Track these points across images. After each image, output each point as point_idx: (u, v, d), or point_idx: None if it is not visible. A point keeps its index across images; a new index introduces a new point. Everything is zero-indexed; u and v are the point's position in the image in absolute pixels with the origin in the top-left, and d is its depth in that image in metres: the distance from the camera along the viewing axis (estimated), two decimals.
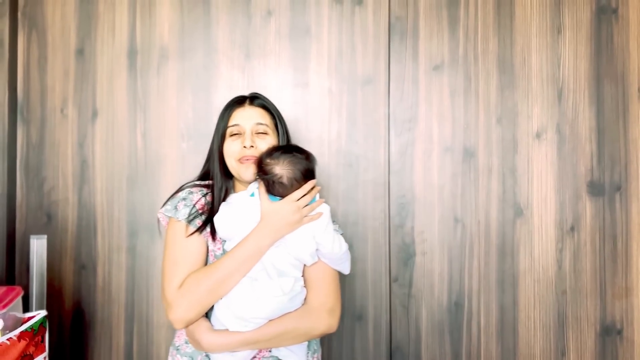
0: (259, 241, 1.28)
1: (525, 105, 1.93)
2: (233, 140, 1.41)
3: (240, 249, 1.28)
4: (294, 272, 1.33)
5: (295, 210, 1.29)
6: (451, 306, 1.92)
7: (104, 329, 1.92)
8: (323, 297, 1.33)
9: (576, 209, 1.92)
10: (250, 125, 1.41)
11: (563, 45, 1.93)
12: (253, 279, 1.29)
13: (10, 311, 1.33)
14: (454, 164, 1.92)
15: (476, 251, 1.91)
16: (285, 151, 1.33)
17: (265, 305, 1.26)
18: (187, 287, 1.27)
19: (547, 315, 1.91)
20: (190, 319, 1.28)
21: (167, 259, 1.34)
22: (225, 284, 1.27)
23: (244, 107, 1.44)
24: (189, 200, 1.39)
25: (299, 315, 1.30)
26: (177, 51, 1.93)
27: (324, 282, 1.34)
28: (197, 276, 1.28)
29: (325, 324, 1.31)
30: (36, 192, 1.92)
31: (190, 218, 1.35)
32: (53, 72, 1.93)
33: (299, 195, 1.31)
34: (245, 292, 1.27)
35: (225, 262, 1.27)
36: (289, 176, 1.30)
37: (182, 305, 1.27)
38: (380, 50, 1.93)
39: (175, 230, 1.35)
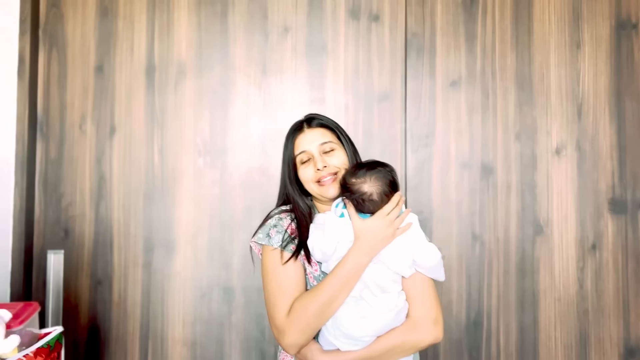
0: (358, 260, 1.29)
1: (545, 121, 1.90)
2: (305, 167, 1.42)
3: (341, 270, 1.29)
4: (395, 287, 1.33)
5: (388, 225, 1.30)
6: (470, 325, 1.88)
7: (119, 345, 1.91)
8: (426, 309, 1.33)
9: (597, 227, 1.88)
10: (316, 147, 1.42)
11: (582, 60, 1.91)
12: (358, 298, 1.30)
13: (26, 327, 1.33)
14: (472, 181, 1.90)
15: (495, 269, 1.88)
16: (370, 167, 1.34)
17: (373, 323, 1.28)
18: (295, 313, 1.29)
19: (569, 335, 1.87)
20: (302, 344, 1.30)
21: (269, 287, 1.35)
22: (331, 305, 1.28)
23: (304, 132, 1.45)
24: (280, 227, 1.40)
25: (406, 329, 1.31)
26: (194, 68, 1.94)
27: (423, 293, 1.34)
28: (303, 301, 1.30)
29: (432, 335, 1.32)
30: (54, 207, 1.93)
31: (284, 244, 1.36)
32: (72, 89, 1.95)
33: (390, 209, 1.31)
34: (353, 312, 1.29)
35: (328, 284, 1.29)
36: (378, 192, 1.31)
37: (293, 331, 1.28)
38: (396, 66, 1.93)
39: (272, 258, 1.36)
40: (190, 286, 1.90)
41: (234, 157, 1.93)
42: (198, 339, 1.90)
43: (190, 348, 1.89)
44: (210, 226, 1.91)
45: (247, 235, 1.89)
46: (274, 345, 1.88)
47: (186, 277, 1.91)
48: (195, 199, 1.92)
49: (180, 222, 1.91)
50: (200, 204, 1.92)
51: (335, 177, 1.39)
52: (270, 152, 1.92)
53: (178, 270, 1.91)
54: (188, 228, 1.91)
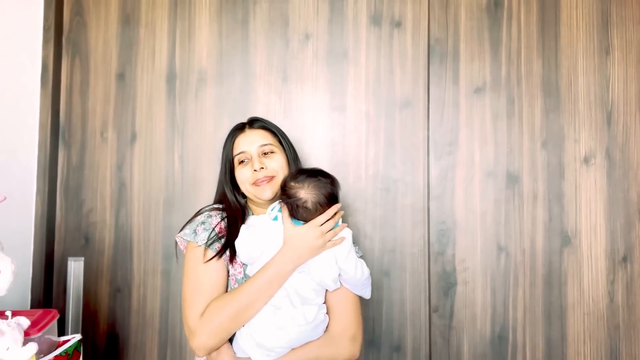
0: (282, 266, 1.26)
1: (572, 129, 1.85)
2: (243, 167, 1.42)
3: (263, 275, 1.26)
4: (317, 299, 1.30)
5: (319, 235, 1.28)
6: (494, 339, 1.82)
7: (138, 353, 1.90)
8: (345, 325, 1.31)
9: (628, 238, 1.81)
10: (255, 148, 1.42)
11: (612, 66, 1.85)
12: (277, 307, 1.27)
13: (45, 335, 1.32)
14: (497, 190, 1.85)
15: (521, 281, 1.82)
16: (310, 175, 1.32)
17: (288, 335, 1.24)
18: (209, 315, 1.26)
19: (599, 351, 1.80)
20: (212, 347, 1.27)
21: (187, 285, 1.33)
22: (248, 310, 1.26)
23: (244, 132, 1.45)
24: (207, 224, 1.38)
25: (322, 344, 1.28)
26: (215, 76, 1.94)
27: (345, 309, 1.32)
28: (219, 303, 1.27)
29: (348, 351, 1.30)
30: (75, 213, 1.94)
31: (210, 242, 1.34)
32: (94, 96, 1.96)
33: (323, 219, 1.29)
34: (269, 321, 1.25)
35: (248, 288, 1.26)
36: (313, 200, 1.29)
37: (204, 332, 1.26)
38: (419, 73, 1.90)
39: (195, 255, 1.34)
40: None
41: None
42: None
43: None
44: None
45: None
46: None
47: None
48: None
49: None
50: None
51: (272, 179, 1.38)
52: None
53: None
54: None
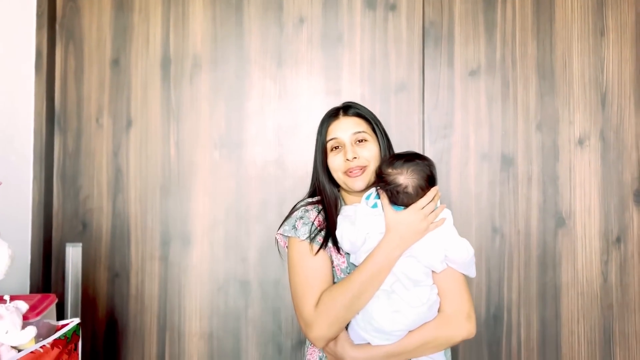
0: (389, 253, 1.26)
1: (567, 111, 1.85)
2: (335, 155, 1.40)
3: (371, 262, 1.27)
4: (427, 281, 1.30)
5: (422, 219, 1.27)
6: (489, 319, 1.85)
7: (137, 338, 1.92)
8: (459, 304, 1.30)
9: (622, 219, 1.83)
10: (348, 136, 1.39)
11: (607, 48, 1.86)
12: (390, 291, 1.28)
13: (44, 319, 1.33)
14: (492, 172, 1.86)
15: (516, 262, 1.84)
16: (408, 159, 1.30)
17: (405, 317, 1.25)
18: (324, 306, 1.27)
19: (592, 330, 1.82)
20: (330, 337, 1.28)
21: (296, 279, 1.34)
22: (360, 298, 1.26)
23: (338, 119, 1.42)
24: (306, 219, 1.38)
25: (438, 324, 1.28)
26: (209, 61, 1.94)
27: (456, 288, 1.31)
28: (332, 293, 1.28)
29: (465, 330, 1.29)
30: (72, 200, 1.94)
31: (312, 236, 1.35)
32: (89, 83, 1.96)
33: (425, 203, 1.28)
34: (384, 306, 1.26)
35: (358, 277, 1.27)
36: (414, 185, 1.28)
37: (322, 324, 1.27)
38: (414, 56, 1.90)
39: (299, 249, 1.35)
40: (207, 279, 1.90)
41: (250, 150, 1.92)
42: (215, 332, 1.90)
43: (207, 341, 1.89)
44: (227, 219, 1.90)
45: (263, 228, 1.88)
46: (290, 339, 1.88)
47: (203, 270, 1.90)
48: (211, 192, 1.91)
49: (197, 215, 1.91)
50: (216, 197, 1.91)
51: (364, 170, 1.36)
52: (286, 144, 1.90)
53: (194, 263, 1.91)
54: (204, 221, 1.91)
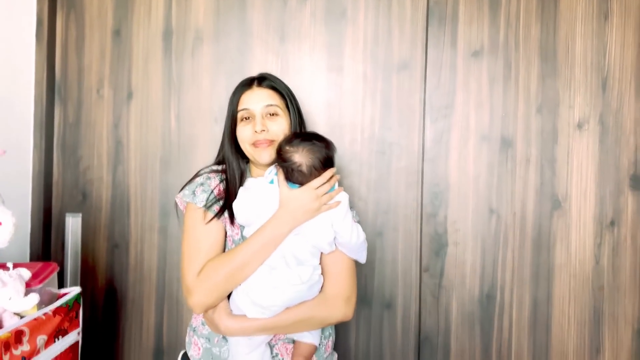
0: (278, 228, 1.28)
1: (568, 94, 1.86)
2: (244, 125, 1.40)
3: (259, 236, 1.28)
4: (313, 261, 1.33)
5: (314, 198, 1.28)
6: (483, 298, 1.88)
7: (136, 307, 1.95)
8: (340, 286, 1.33)
9: (617, 203, 1.85)
10: (260, 108, 1.39)
11: (610, 32, 1.85)
12: (272, 267, 1.30)
13: (45, 287, 1.35)
14: (491, 154, 1.88)
15: (510, 243, 1.87)
16: (305, 139, 1.32)
17: (283, 294, 1.27)
18: (206, 274, 1.29)
19: (583, 311, 1.86)
20: (209, 304, 1.30)
21: (186, 244, 1.35)
22: (243, 270, 1.28)
23: (252, 89, 1.42)
24: (206, 186, 1.39)
25: (316, 304, 1.31)
26: (212, 34, 1.92)
27: (340, 271, 1.34)
28: (215, 263, 1.30)
29: (341, 312, 1.33)
30: (72, 170, 1.95)
31: (209, 204, 1.35)
32: (90, 53, 1.94)
33: (318, 183, 1.30)
34: (264, 280, 1.28)
35: (244, 249, 1.28)
36: (308, 164, 1.29)
37: (201, 291, 1.29)
38: (417, 35, 1.89)
39: (194, 216, 1.36)
40: None
41: None
42: None
43: None
44: None
45: None
46: None
47: None
48: None
49: None
50: None
51: (271, 143, 1.37)
52: None
53: None
54: None
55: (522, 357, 1.87)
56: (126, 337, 1.95)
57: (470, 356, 1.88)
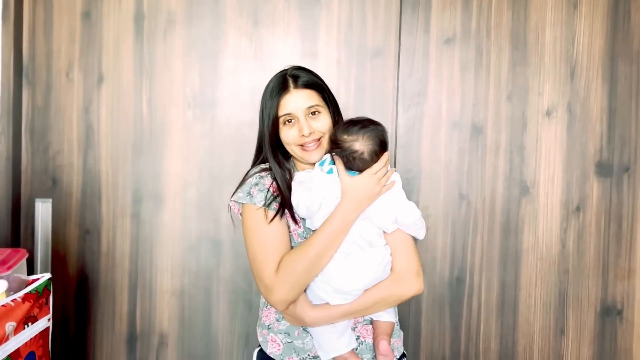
0: (346, 216, 1.30)
1: (537, 82, 1.89)
2: (289, 128, 1.38)
3: (329, 226, 1.30)
4: (381, 241, 1.36)
5: (375, 183, 1.31)
6: (453, 281, 1.92)
7: (108, 294, 1.94)
8: (408, 262, 1.36)
9: (583, 189, 1.90)
10: (302, 110, 1.37)
11: (578, 21, 1.89)
12: (347, 253, 1.32)
13: (14, 273, 1.34)
14: (462, 140, 1.91)
15: (480, 228, 1.91)
16: (363, 126, 1.33)
17: (363, 277, 1.31)
18: (284, 270, 1.30)
19: (548, 293, 1.92)
20: (291, 299, 1.32)
21: (254, 245, 1.35)
22: (319, 261, 1.30)
23: (290, 92, 1.38)
24: (261, 185, 1.39)
25: (391, 282, 1.34)
26: (184, 17, 1.90)
27: (405, 248, 1.37)
28: (292, 257, 1.31)
29: (415, 286, 1.35)
30: (41, 156, 1.92)
31: (268, 202, 1.36)
32: (59, 35, 1.90)
33: (378, 167, 1.32)
34: (342, 267, 1.31)
35: (317, 241, 1.30)
36: (370, 150, 1.31)
37: (283, 287, 1.30)
38: (391, 21, 1.90)
39: (255, 216, 1.36)
40: (179, 238, 1.92)
41: (224, 110, 1.91)
42: (186, 290, 1.93)
43: (178, 298, 1.93)
44: (200, 179, 1.91)
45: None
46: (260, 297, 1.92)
47: (175, 229, 1.92)
48: (184, 151, 1.91)
49: (169, 174, 1.91)
50: (189, 156, 1.91)
51: (319, 143, 1.38)
52: None
53: (166, 222, 1.92)
54: (177, 180, 1.91)
55: (490, 337, 1.93)
56: (98, 324, 1.94)
57: (440, 337, 1.93)
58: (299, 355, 1.39)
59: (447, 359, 1.93)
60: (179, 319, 1.93)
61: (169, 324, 1.93)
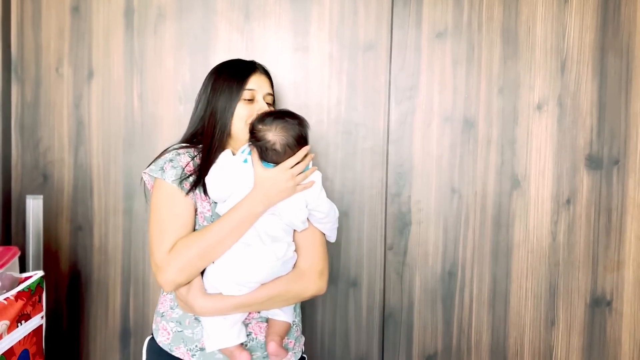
0: (252, 208, 1.27)
1: (528, 76, 1.90)
2: (246, 104, 1.40)
3: (233, 215, 1.27)
4: (286, 238, 1.33)
5: (289, 178, 1.28)
6: (445, 275, 1.94)
7: (101, 290, 1.94)
8: (313, 261, 1.34)
9: (573, 182, 1.92)
10: (263, 93, 1.43)
11: (569, 15, 1.89)
12: (247, 244, 1.29)
13: (6, 271, 1.34)
14: (453, 134, 1.91)
15: (471, 222, 1.92)
16: (277, 117, 1.31)
17: (259, 270, 1.27)
18: (178, 251, 1.27)
19: (539, 285, 1.94)
20: (180, 282, 1.28)
21: (155, 221, 1.32)
22: (216, 248, 1.27)
23: (258, 74, 1.44)
24: (176, 162, 1.35)
25: (291, 279, 1.31)
26: (174, 11, 1.88)
27: (313, 246, 1.35)
28: (188, 240, 1.28)
29: (316, 286, 1.34)
30: (32, 152, 1.90)
31: (180, 180, 1.33)
32: (48, 30, 1.88)
33: (293, 162, 1.29)
34: (240, 257, 1.27)
35: (218, 227, 1.27)
36: (282, 143, 1.28)
37: (172, 268, 1.26)
38: (383, 15, 1.89)
39: (163, 191, 1.33)
40: None
41: None
42: None
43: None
44: None
45: None
46: None
47: None
48: None
49: None
50: None
51: None
52: None
53: None
54: None
55: (482, 330, 1.95)
56: (92, 319, 1.94)
57: (432, 331, 1.95)
58: (187, 345, 1.34)
59: (440, 352, 1.95)
60: None
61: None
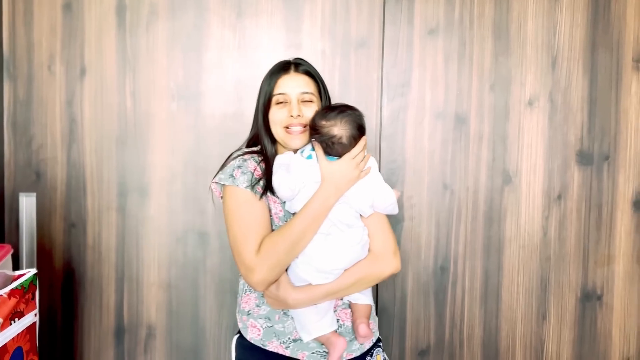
0: (326, 201, 1.33)
1: (519, 72, 1.91)
2: (279, 109, 1.42)
3: (309, 210, 1.32)
4: (359, 223, 1.39)
5: (354, 167, 1.34)
6: (437, 270, 1.95)
7: (94, 288, 1.94)
8: (385, 243, 1.39)
9: (564, 178, 1.94)
10: (297, 93, 1.41)
11: (560, 12, 1.91)
12: (326, 234, 1.35)
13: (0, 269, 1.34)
14: (445, 131, 1.92)
15: (464, 217, 1.94)
16: (341, 111, 1.36)
17: (343, 257, 1.34)
18: (265, 251, 1.32)
19: (530, 280, 1.96)
20: (271, 280, 1.34)
21: (235, 226, 1.37)
22: (300, 243, 1.33)
23: (289, 74, 1.43)
24: (245, 168, 1.40)
25: (370, 262, 1.37)
26: (167, 9, 1.88)
27: (382, 229, 1.40)
28: (273, 239, 1.33)
29: (392, 265, 1.39)
30: (24, 149, 1.90)
31: (252, 185, 1.37)
32: (39, 28, 1.88)
33: (357, 152, 1.35)
34: (322, 247, 1.34)
35: (297, 223, 1.32)
36: (348, 135, 1.34)
37: (264, 268, 1.32)
38: (375, 12, 1.90)
39: (237, 197, 1.37)
40: (165, 231, 1.92)
41: (208, 102, 1.91)
42: (173, 282, 1.93)
43: (165, 290, 1.94)
44: (185, 172, 1.91)
45: None
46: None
47: (161, 222, 1.92)
48: (169, 144, 1.91)
49: (154, 167, 1.91)
50: (174, 149, 1.91)
51: (304, 130, 1.41)
52: (245, 97, 1.90)
53: (152, 215, 1.92)
54: (162, 173, 1.91)
55: (474, 324, 1.96)
56: (85, 317, 1.95)
57: (425, 325, 1.96)
58: (280, 339, 1.40)
59: (432, 346, 1.97)
60: (167, 311, 1.94)
61: (157, 316, 1.94)
